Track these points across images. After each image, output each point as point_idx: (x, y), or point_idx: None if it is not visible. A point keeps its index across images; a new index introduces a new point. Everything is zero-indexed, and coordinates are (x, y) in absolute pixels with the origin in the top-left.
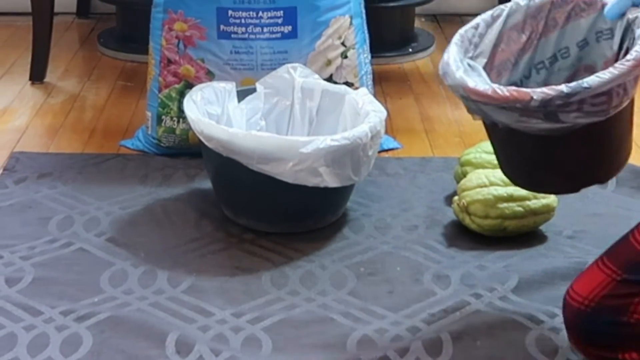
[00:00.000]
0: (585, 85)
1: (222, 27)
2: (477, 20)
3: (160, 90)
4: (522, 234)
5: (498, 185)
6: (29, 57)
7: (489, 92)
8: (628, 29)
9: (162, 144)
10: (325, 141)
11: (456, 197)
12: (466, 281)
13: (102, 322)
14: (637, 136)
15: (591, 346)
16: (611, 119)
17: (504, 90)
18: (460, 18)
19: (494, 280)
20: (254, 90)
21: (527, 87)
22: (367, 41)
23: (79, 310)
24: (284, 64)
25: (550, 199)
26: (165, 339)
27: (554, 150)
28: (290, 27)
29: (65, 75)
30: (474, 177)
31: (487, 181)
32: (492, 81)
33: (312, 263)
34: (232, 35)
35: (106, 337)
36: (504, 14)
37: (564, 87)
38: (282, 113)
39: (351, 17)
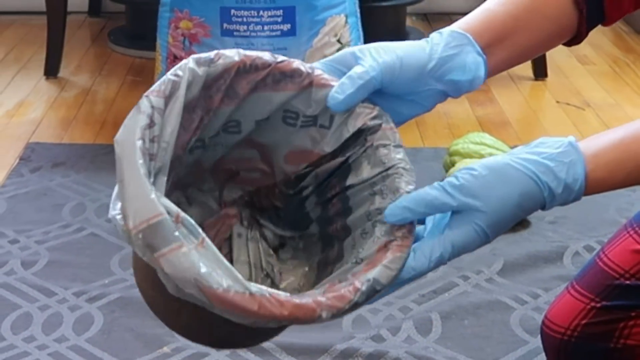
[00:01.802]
0: (377, 287)
1: (225, 25)
2: (147, 110)
3: None
4: None
5: None
6: (43, 54)
7: (255, 308)
8: (359, 136)
9: None
10: None
11: None
12: (454, 264)
13: (112, 303)
14: None
15: None
16: None
17: (279, 307)
18: (449, 17)
19: (480, 263)
20: None
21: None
22: (362, 38)
23: (90, 291)
24: None
25: None
26: None
27: None
28: (289, 25)
29: (78, 71)
30: (462, 166)
31: None
32: None
33: None
34: (235, 33)
35: (116, 317)
36: (181, 91)
37: (356, 297)
38: None
39: (346, 16)
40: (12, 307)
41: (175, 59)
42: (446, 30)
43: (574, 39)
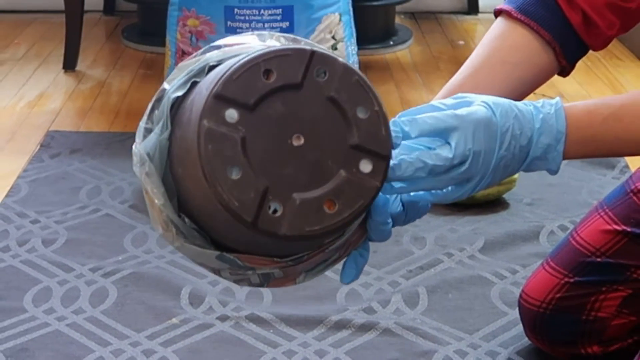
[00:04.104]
0: None
1: (229, 23)
2: None
3: None
4: (488, 202)
5: None
6: (62, 49)
7: None
8: None
9: None
10: None
11: None
12: (439, 242)
13: (125, 278)
14: None
15: (554, 344)
16: None
17: None
18: (435, 15)
19: (463, 241)
20: None
21: None
22: (354, 35)
23: (105, 267)
24: None
25: None
26: (180, 292)
27: None
28: (287, 23)
29: (94, 65)
30: None
31: None
32: None
33: None
34: (238, 30)
35: (129, 291)
36: None
37: None
38: None
39: (340, 14)
40: (34, 281)
41: (184, 54)
42: None
43: (563, 72)
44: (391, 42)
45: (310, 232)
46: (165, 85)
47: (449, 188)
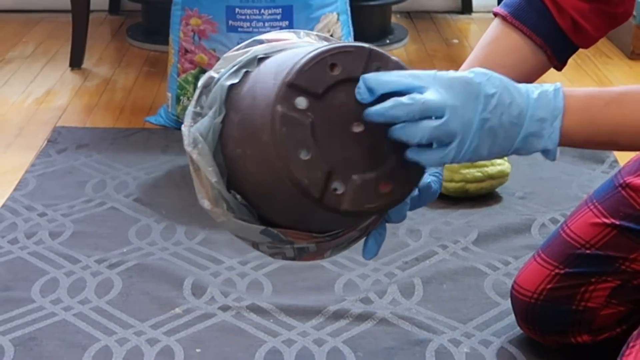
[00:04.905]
0: None
1: (230, 22)
2: None
3: (178, 75)
4: (481, 195)
5: None
6: (69, 47)
7: None
8: None
9: (180, 120)
10: None
11: None
12: (434, 234)
13: (130, 269)
14: None
15: (545, 333)
16: None
17: None
18: (430, 15)
19: (457, 233)
20: None
21: None
22: (352, 34)
23: (110, 259)
24: None
25: (505, 166)
26: (183, 283)
27: None
28: (287, 22)
29: (100, 63)
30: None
31: None
32: None
33: None
34: (239, 29)
35: (133, 282)
36: None
37: None
38: None
39: (338, 14)
40: (41, 272)
41: (186, 52)
42: None
43: (555, 68)
44: (387, 41)
45: (368, 209)
46: (213, 73)
47: (433, 145)
